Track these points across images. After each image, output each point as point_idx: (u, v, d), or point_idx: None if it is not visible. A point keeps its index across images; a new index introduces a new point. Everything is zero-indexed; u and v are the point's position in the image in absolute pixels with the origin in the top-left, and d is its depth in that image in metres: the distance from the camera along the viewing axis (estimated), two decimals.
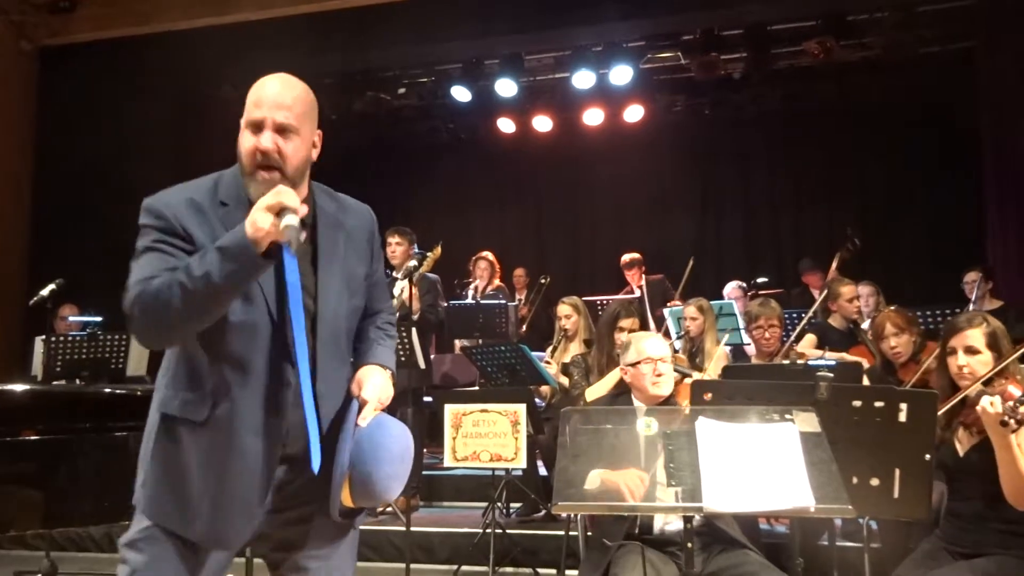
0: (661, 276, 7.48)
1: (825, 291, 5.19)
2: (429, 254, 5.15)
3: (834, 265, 6.67)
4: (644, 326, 6.50)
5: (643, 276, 7.38)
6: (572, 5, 6.82)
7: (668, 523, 2.75)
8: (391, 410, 5.43)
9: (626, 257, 7.54)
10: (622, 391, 3.24)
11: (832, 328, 5.03)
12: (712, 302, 5.30)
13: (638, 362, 3.02)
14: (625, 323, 4.26)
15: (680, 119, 8.76)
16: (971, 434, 2.58)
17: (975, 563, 2.49)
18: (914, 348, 3.83)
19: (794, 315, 5.25)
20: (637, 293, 7.27)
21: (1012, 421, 2.23)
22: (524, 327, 7.11)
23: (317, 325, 1.75)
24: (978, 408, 2.35)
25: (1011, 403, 2.26)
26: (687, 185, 9.25)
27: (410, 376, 4.96)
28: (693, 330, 5.08)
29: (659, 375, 2.98)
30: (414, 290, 4.97)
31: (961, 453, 2.60)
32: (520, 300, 7.71)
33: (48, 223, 7.31)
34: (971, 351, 2.62)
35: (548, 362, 4.92)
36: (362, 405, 1.76)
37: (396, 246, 5.47)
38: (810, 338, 4.83)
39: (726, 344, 5.00)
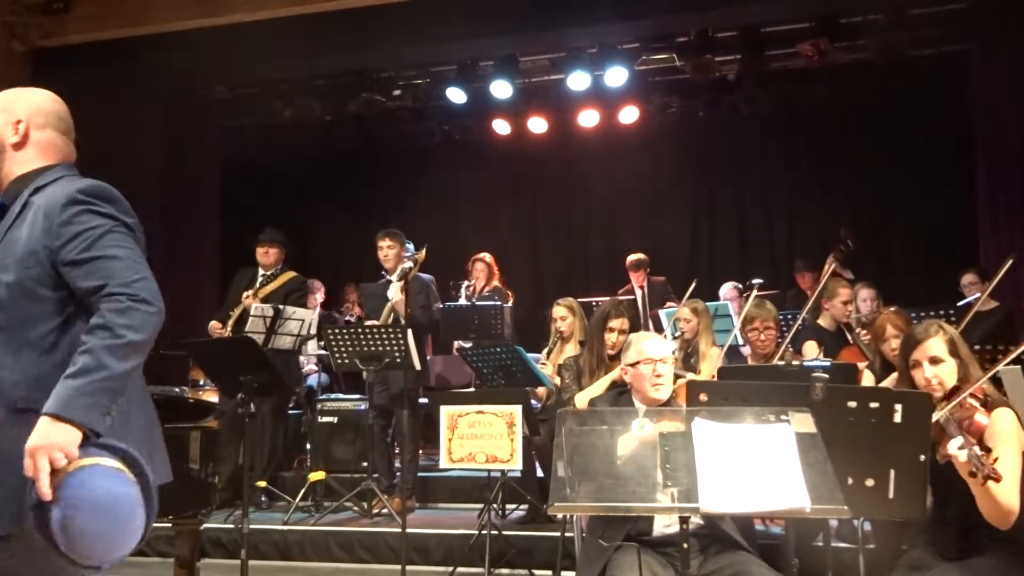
0: (664, 279, 7.49)
1: (820, 287, 5.17)
2: (416, 256, 5.15)
3: (827, 266, 6.67)
4: (638, 327, 6.53)
5: (647, 277, 7.41)
6: (567, 7, 6.82)
7: (668, 526, 2.73)
8: (389, 411, 5.41)
9: (632, 257, 7.55)
10: (623, 390, 3.22)
11: (822, 329, 5.02)
12: (708, 303, 5.30)
13: (638, 362, 2.99)
14: (615, 323, 4.26)
15: (675, 120, 8.76)
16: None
17: (961, 565, 2.49)
18: None
19: (789, 316, 5.25)
20: (636, 294, 7.29)
21: (980, 476, 2.21)
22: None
23: None
24: (949, 453, 2.31)
25: (979, 454, 2.22)
26: (682, 186, 9.26)
27: (405, 378, 4.96)
28: (688, 332, 5.09)
29: (659, 376, 2.94)
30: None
31: (940, 460, 2.60)
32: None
33: None
34: (935, 361, 2.60)
35: (543, 363, 4.91)
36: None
37: (388, 249, 5.45)
38: (812, 344, 4.81)
39: (720, 345, 5.00)
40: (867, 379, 3.79)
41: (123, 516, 1.61)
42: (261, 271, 5.83)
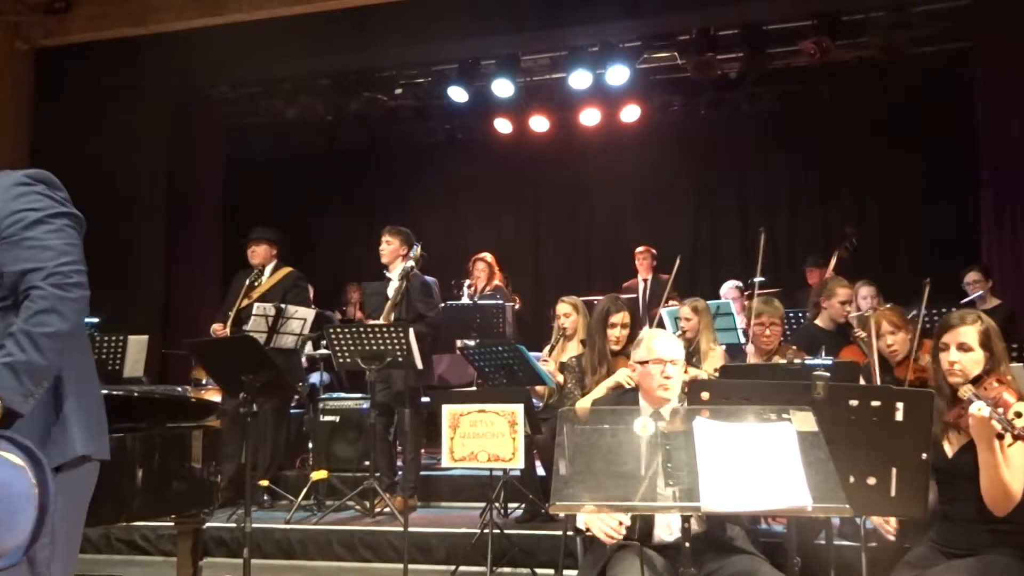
0: (668, 278, 7.51)
1: (819, 287, 5.18)
2: (411, 254, 5.15)
3: (832, 264, 6.68)
4: (638, 322, 6.53)
5: (652, 269, 7.46)
6: (568, 5, 6.83)
7: (670, 533, 2.71)
8: (390, 410, 5.43)
9: (642, 248, 7.66)
10: (627, 391, 3.19)
11: (819, 329, 5.00)
12: (709, 302, 5.30)
13: (647, 361, 2.87)
14: (616, 318, 4.25)
15: (676, 119, 8.76)
16: (960, 435, 2.57)
17: (968, 562, 2.49)
18: (910, 346, 3.84)
19: (790, 314, 5.25)
20: (640, 285, 7.35)
21: (1008, 435, 2.20)
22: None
23: None
24: (970, 414, 2.32)
25: (1010, 415, 2.22)
26: (683, 185, 9.26)
27: (407, 377, 4.95)
28: (688, 331, 5.08)
29: (667, 378, 2.82)
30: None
31: (950, 454, 2.59)
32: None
33: None
34: (963, 348, 2.61)
35: (545, 360, 4.91)
36: None
37: (386, 245, 5.45)
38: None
39: (721, 343, 5.00)
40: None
41: (10, 508, 1.54)
42: (257, 271, 5.82)
